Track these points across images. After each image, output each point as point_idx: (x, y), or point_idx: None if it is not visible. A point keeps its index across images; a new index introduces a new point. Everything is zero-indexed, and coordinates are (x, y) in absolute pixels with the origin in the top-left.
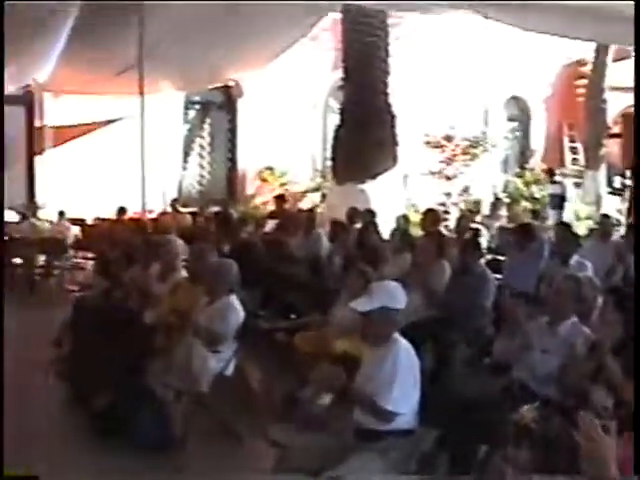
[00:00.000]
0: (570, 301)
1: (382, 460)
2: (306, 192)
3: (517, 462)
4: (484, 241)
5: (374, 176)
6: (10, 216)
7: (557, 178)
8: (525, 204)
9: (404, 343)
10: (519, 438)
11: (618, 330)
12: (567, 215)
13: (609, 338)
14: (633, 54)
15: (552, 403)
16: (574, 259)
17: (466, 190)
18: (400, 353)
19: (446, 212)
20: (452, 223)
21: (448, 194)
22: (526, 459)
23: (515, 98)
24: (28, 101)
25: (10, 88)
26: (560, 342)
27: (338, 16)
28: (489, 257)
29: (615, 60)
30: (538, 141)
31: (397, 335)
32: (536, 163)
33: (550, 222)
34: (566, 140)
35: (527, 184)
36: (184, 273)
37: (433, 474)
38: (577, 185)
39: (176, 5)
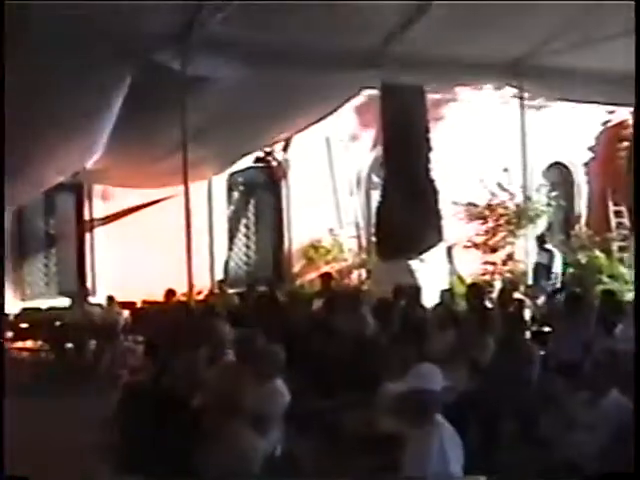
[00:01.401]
0: (609, 374)
1: None
2: (352, 269)
3: None
4: (529, 311)
5: (420, 252)
6: (61, 302)
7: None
8: (572, 270)
9: (446, 425)
10: None
11: None
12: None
13: None
14: None
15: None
16: (619, 328)
17: (511, 259)
18: (444, 435)
19: (489, 284)
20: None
21: (493, 264)
22: None
23: (557, 164)
24: (77, 190)
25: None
26: (603, 417)
27: (376, 92)
28: (534, 328)
29: None
30: (582, 207)
31: (439, 417)
32: (581, 229)
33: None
34: (610, 204)
35: (573, 251)
36: (232, 357)
37: None
38: (622, 249)
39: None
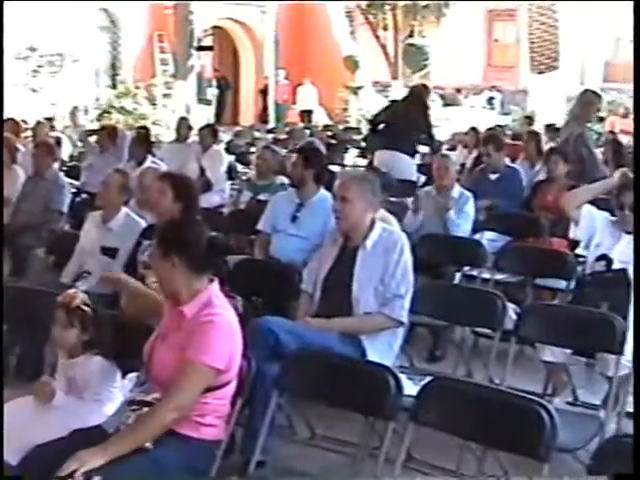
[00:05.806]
0: (118, 194)
1: None
2: None
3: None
4: (68, 149)
5: None
6: None
7: None
8: (117, 116)
9: None
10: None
11: None
12: None
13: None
14: None
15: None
16: (149, 160)
17: (55, 103)
18: None
19: (24, 122)
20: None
21: (39, 106)
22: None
23: (104, 9)
24: None
25: None
26: (114, 236)
27: None
28: (71, 164)
29: None
30: (130, 53)
31: None
32: (128, 75)
33: None
34: (157, 51)
35: (119, 96)
36: None
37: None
38: (166, 96)
39: None
